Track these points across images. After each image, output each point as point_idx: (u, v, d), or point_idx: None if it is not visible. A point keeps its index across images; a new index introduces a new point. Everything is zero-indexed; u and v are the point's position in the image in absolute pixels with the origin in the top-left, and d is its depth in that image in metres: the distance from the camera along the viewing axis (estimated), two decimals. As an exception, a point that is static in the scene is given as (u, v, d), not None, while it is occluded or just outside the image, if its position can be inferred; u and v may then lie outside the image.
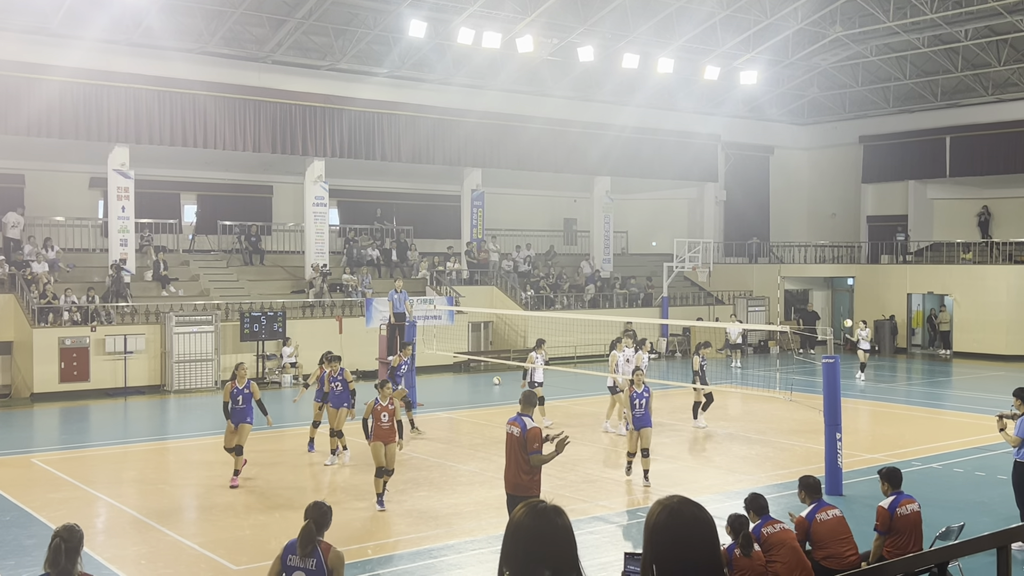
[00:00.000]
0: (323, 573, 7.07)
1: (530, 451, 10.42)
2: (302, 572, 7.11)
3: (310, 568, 7.10)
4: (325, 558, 7.11)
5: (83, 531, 6.57)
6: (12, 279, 26.13)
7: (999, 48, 35.09)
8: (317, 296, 29.71)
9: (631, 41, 32.71)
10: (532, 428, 10.57)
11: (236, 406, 15.36)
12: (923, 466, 16.73)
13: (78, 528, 6.54)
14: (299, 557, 7.14)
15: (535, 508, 3.36)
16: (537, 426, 10.72)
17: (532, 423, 10.70)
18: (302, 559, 7.13)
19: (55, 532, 6.47)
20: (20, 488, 15.11)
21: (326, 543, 7.21)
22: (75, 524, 6.57)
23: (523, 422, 10.66)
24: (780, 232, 43.68)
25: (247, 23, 29.01)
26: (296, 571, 7.12)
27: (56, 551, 6.33)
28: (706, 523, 3.18)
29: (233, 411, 15.35)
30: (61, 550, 6.32)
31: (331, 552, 7.17)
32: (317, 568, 7.09)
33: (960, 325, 35.03)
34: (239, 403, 15.37)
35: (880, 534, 9.54)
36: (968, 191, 40.32)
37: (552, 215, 40.94)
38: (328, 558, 7.12)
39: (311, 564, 7.10)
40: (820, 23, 34.55)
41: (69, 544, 6.37)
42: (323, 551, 7.13)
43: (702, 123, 39.94)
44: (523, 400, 11.10)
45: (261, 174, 33.58)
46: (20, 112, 25.75)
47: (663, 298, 35.56)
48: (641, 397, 15.35)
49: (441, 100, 33.27)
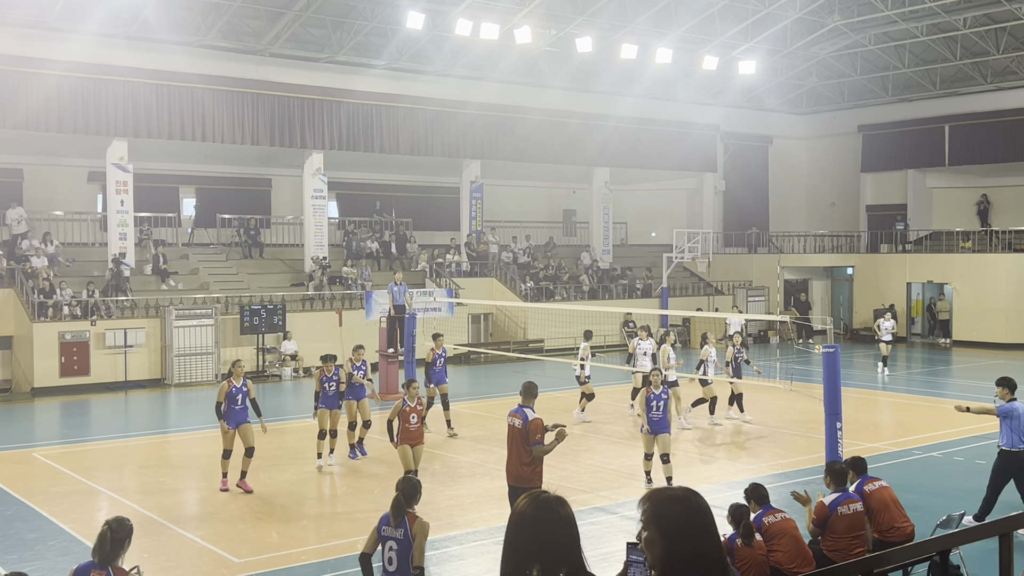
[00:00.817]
0: (409, 541, 7.65)
1: (532, 442, 10.44)
2: (393, 541, 7.72)
3: (399, 537, 7.70)
4: (411, 527, 7.68)
5: (133, 526, 6.97)
6: (12, 274, 26.12)
7: (998, 36, 35.02)
8: (317, 289, 29.71)
9: (629, 31, 32.65)
10: (534, 419, 10.61)
11: (234, 407, 14.38)
12: (924, 455, 16.76)
13: (128, 521, 6.93)
14: (391, 527, 7.75)
15: (537, 498, 3.37)
16: (539, 417, 10.74)
17: (534, 414, 10.72)
18: (393, 528, 7.74)
19: (106, 521, 6.86)
20: (22, 482, 15.12)
21: (413, 514, 7.78)
22: (126, 518, 6.98)
23: (524, 413, 10.70)
24: (779, 222, 43.66)
25: (245, 16, 28.94)
26: (389, 540, 7.75)
27: (102, 539, 6.72)
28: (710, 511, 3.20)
29: (231, 412, 14.35)
30: (107, 539, 6.70)
31: (416, 522, 7.72)
32: (404, 537, 7.68)
33: (960, 314, 35.05)
34: (237, 403, 14.41)
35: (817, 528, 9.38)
36: (967, 180, 40.29)
37: (551, 206, 40.92)
38: (413, 527, 7.68)
39: (400, 533, 7.71)
40: (819, 12, 34.47)
41: (116, 535, 6.74)
42: (409, 521, 7.71)
43: (701, 113, 39.89)
44: (524, 391, 11.12)
45: (260, 167, 33.55)
46: (18, 106, 25.71)
47: (663, 289, 35.55)
48: (659, 399, 14.20)
49: (439, 92, 33.22)
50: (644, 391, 14.47)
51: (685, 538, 3.11)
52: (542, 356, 28.80)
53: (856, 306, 38.75)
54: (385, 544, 7.73)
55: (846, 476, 9.54)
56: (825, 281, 41.01)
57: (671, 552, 3.10)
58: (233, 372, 14.80)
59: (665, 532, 3.12)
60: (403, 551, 7.65)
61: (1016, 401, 12.26)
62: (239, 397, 14.47)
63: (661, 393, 14.24)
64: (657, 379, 14.43)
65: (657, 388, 14.22)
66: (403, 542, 7.65)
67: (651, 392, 14.23)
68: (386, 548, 7.72)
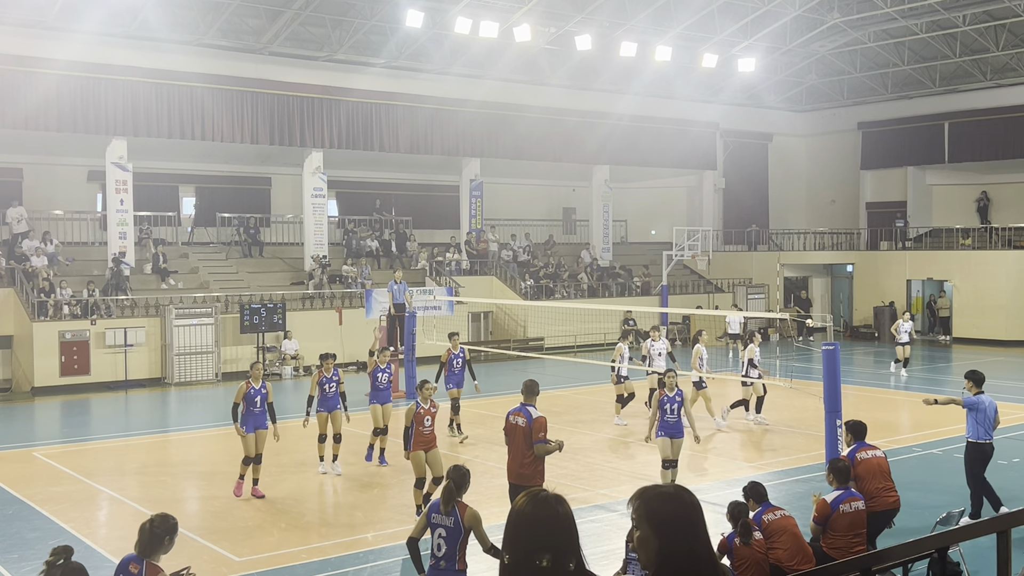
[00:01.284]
0: (459, 530, 7.89)
1: (536, 440, 10.42)
2: (443, 528, 7.94)
3: (448, 525, 7.92)
4: (462, 516, 7.90)
5: (176, 523, 7.08)
6: (12, 273, 26.12)
7: (997, 33, 35.02)
8: (317, 288, 29.72)
9: (629, 29, 32.64)
10: (538, 417, 10.60)
11: (253, 409, 13.80)
12: (924, 452, 16.77)
13: (172, 519, 7.05)
14: (441, 514, 7.96)
15: (536, 496, 3.37)
16: (543, 416, 10.73)
17: (538, 412, 10.70)
18: (443, 516, 7.95)
19: (150, 517, 7.04)
20: (22, 482, 15.13)
21: (463, 503, 8.01)
22: (171, 515, 7.11)
23: (528, 412, 10.67)
24: (779, 219, 43.67)
25: (244, 14, 28.93)
26: (439, 527, 7.95)
27: (142, 532, 6.94)
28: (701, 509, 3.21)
29: (249, 415, 13.79)
30: (146, 532, 6.91)
31: (467, 511, 7.94)
32: (455, 525, 7.90)
33: (959, 311, 35.06)
34: (256, 405, 13.83)
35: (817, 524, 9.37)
36: (967, 177, 40.29)
37: (551, 204, 40.92)
38: (464, 517, 7.90)
39: (450, 521, 7.92)
40: (818, 9, 34.45)
41: (156, 530, 6.92)
42: (460, 510, 7.93)
43: (700, 111, 39.88)
44: (525, 390, 11.11)
45: (259, 166, 33.55)
46: (17, 106, 25.71)
47: (663, 286, 35.56)
48: (673, 401, 13.42)
49: (439, 90, 33.22)
50: (658, 393, 13.75)
51: (677, 535, 3.11)
52: (542, 354, 28.81)
53: (856, 303, 38.76)
54: (435, 531, 7.95)
55: (849, 473, 9.53)
56: (825, 278, 41.02)
57: (664, 550, 3.11)
58: (252, 373, 14.14)
59: (657, 530, 3.13)
60: (452, 538, 7.88)
61: (983, 394, 12.49)
62: (257, 399, 13.90)
63: (675, 395, 13.47)
64: (672, 381, 13.72)
65: (671, 390, 13.49)
66: (453, 530, 7.88)
67: (664, 395, 13.49)
68: (435, 535, 7.94)
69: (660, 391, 13.72)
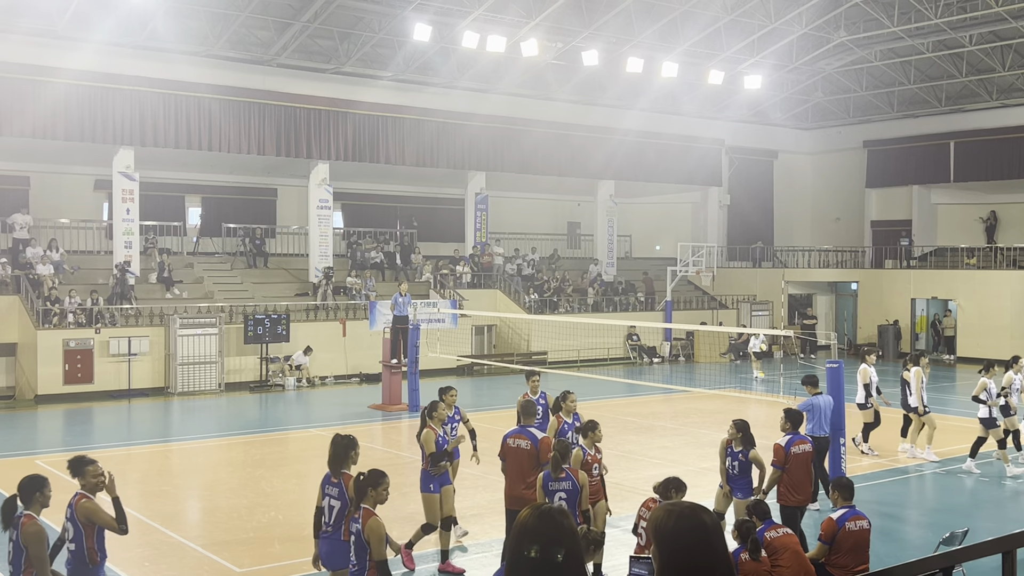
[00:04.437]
0: (576, 490, 9.25)
1: (544, 461, 10.02)
2: (562, 492, 9.21)
3: (568, 488, 9.26)
4: (577, 478, 9.38)
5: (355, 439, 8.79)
6: (17, 281, 26.18)
7: (1004, 53, 35.09)
8: (321, 299, 29.74)
9: (635, 45, 32.74)
10: (544, 438, 10.41)
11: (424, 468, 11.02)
12: (928, 471, 16.71)
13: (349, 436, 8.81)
14: (556, 481, 9.27)
15: (540, 509, 3.39)
16: (548, 436, 10.61)
17: (541, 434, 10.52)
18: (556, 481, 9.27)
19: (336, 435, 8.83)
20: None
21: (574, 468, 9.43)
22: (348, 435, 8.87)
23: (531, 434, 10.42)
24: (784, 236, 43.68)
25: (252, 26, 29.07)
26: (557, 492, 9.22)
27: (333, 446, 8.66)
28: (714, 528, 3.20)
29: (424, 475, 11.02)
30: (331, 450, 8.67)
31: (579, 474, 9.50)
32: (572, 487, 9.25)
33: (964, 330, 35.00)
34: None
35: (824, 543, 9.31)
36: (972, 196, 40.29)
37: (556, 218, 40.97)
38: (579, 478, 9.46)
39: (568, 485, 9.24)
40: (825, 28, 34.57)
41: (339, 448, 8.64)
42: (573, 474, 9.34)
43: (706, 127, 39.96)
44: (523, 411, 10.90)
45: (265, 177, 33.64)
46: (25, 114, 25.81)
47: (667, 302, 35.55)
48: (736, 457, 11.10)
49: (446, 104, 33.32)
50: (724, 441, 11.22)
51: (679, 551, 3.12)
52: (545, 368, 28.77)
53: (860, 322, 38.71)
54: (554, 496, 9.14)
55: (853, 490, 9.52)
56: (829, 296, 40.99)
57: (665, 565, 3.13)
58: (435, 415, 11.07)
59: (659, 544, 3.15)
60: (572, 498, 9.22)
61: (819, 395, 14.05)
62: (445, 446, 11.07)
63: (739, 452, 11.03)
64: None
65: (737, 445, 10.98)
66: (571, 491, 9.25)
67: (730, 445, 11.10)
68: (555, 499, 9.07)
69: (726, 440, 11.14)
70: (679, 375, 31.08)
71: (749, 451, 10.96)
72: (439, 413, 11.14)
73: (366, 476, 7.65)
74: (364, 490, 7.55)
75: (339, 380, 28.67)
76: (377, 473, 7.72)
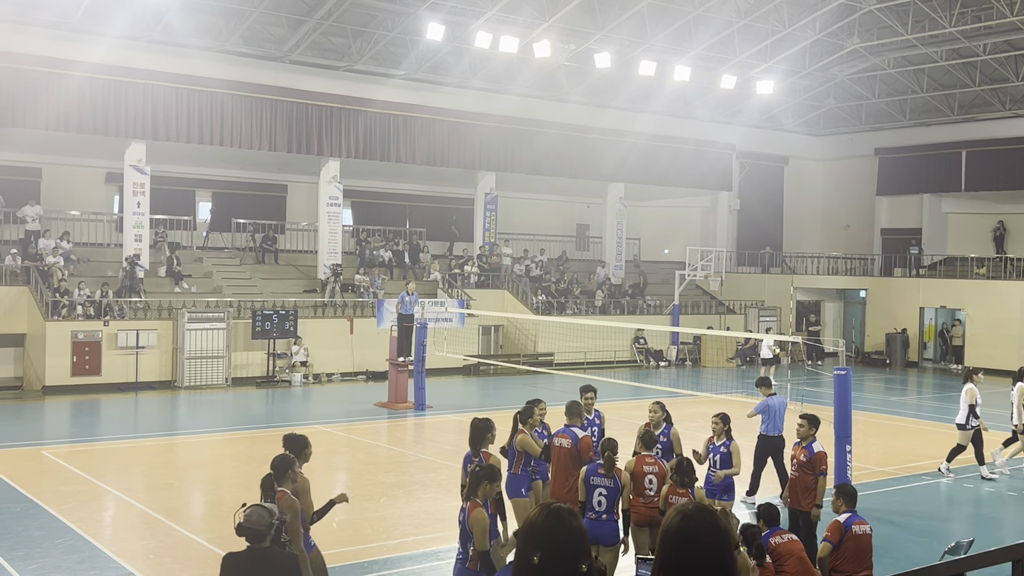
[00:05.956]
0: (618, 489, 9.30)
1: (585, 460, 10.06)
2: (603, 488, 9.29)
3: (609, 485, 9.29)
4: (620, 477, 9.34)
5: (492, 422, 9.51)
6: (27, 272, 26.27)
7: (1017, 63, 34.97)
8: (329, 296, 29.78)
9: (648, 48, 32.71)
10: (584, 437, 10.45)
11: (527, 467, 10.73)
12: (933, 480, 16.66)
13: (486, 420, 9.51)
14: (599, 476, 9.30)
15: (549, 508, 3.39)
16: (588, 435, 10.61)
17: (583, 433, 10.56)
18: (602, 477, 9.29)
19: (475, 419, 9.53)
20: (30, 480, 15.17)
21: (619, 468, 9.40)
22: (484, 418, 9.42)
23: (573, 433, 10.46)
24: (793, 243, 43.59)
25: (266, 22, 29.13)
26: (597, 488, 9.30)
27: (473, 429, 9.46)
28: (720, 530, 3.19)
29: (524, 475, 10.72)
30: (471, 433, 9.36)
31: (622, 474, 9.40)
32: (614, 485, 9.29)
33: (972, 340, 34.88)
34: (531, 464, 10.76)
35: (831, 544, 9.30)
36: (983, 206, 40.16)
37: (565, 220, 40.96)
38: (622, 477, 9.39)
39: (610, 482, 9.29)
40: (838, 34, 34.49)
41: (474, 430, 9.30)
42: (617, 474, 9.32)
43: (718, 132, 39.91)
44: (569, 411, 10.87)
45: (276, 173, 33.70)
46: (39, 107, 25.89)
47: (674, 306, 35.51)
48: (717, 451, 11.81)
49: (458, 103, 33.33)
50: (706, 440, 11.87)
51: (678, 552, 3.11)
52: (552, 369, 28.77)
53: (868, 329, 38.60)
54: (594, 491, 9.25)
55: (856, 497, 9.51)
56: (838, 303, 40.87)
57: (663, 563, 3.13)
58: (530, 421, 10.85)
59: (660, 541, 3.16)
60: (612, 496, 9.27)
61: (773, 396, 14.28)
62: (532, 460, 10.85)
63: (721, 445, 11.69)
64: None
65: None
66: (612, 489, 9.28)
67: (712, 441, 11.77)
68: (595, 493, 9.23)
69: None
70: (685, 379, 31.03)
71: (731, 443, 11.88)
72: (533, 419, 10.96)
73: (481, 469, 7.95)
74: (478, 482, 7.78)
75: (345, 377, 28.70)
76: (492, 468, 8.01)
